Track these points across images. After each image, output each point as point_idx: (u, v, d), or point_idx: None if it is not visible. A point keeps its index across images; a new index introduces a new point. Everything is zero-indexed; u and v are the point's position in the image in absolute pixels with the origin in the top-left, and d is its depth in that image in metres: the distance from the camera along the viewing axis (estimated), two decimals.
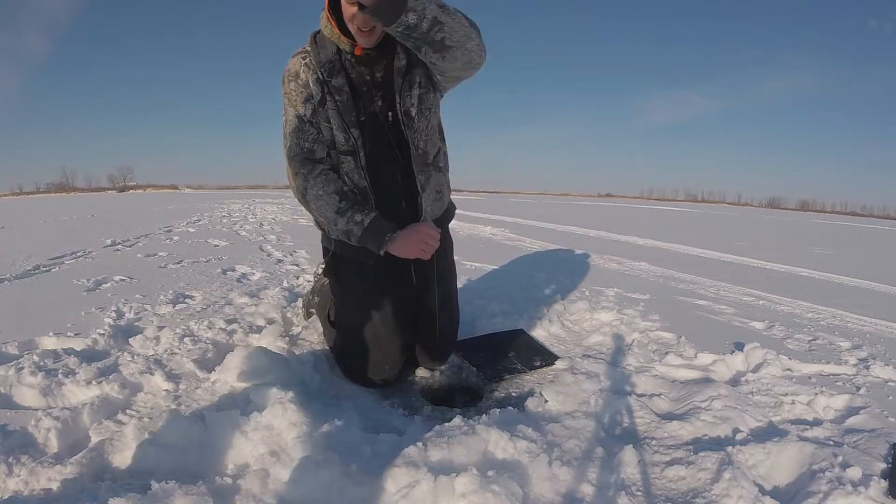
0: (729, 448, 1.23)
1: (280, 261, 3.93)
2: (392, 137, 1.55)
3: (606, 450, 1.25)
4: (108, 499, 0.95)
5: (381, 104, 1.54)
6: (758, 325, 2.43)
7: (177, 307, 2.40)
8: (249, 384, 1.45)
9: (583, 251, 4.94)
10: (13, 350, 1.77)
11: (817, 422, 1.43)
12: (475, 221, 8.10)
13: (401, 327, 1.68)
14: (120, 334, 1.94)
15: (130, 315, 2.26)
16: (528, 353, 1.96)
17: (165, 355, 1.75)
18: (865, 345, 2.15)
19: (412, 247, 1.47)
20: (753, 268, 4.52)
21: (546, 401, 1.53)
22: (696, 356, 1.91)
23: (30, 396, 1.44)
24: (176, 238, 5.34)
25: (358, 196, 1.56)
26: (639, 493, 1.14)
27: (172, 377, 1.59)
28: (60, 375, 1.52)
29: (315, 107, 1.51)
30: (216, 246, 4.73)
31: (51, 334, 1.92)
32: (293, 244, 4.95)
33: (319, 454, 1.13)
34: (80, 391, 1.47)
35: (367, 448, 1.24)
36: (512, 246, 5.31)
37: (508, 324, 2.25)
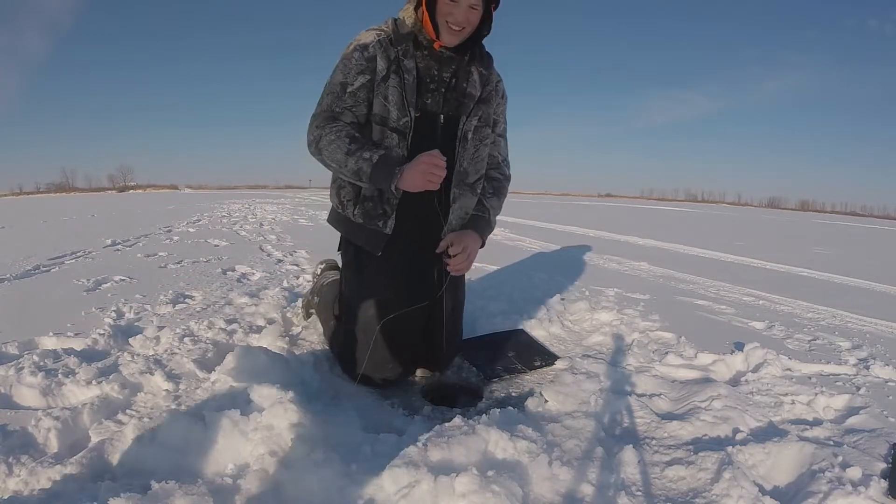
0: (729, 448, 1.23)
1: (280, 261, 3.94)
2: (441, 140, 1.59)
3: (606, 450, 1.25)
4: (108, 499, 0.95)
5: (442, 105, 1.60)
6: (758, 325, 2.43)
7: (177, 307, 2.41)
8: (249, 384, 1.44)
9: (583, 251, 4.94)
10: (13, 350, 1.77)
11: (817, 422, 1.43)
12: None
13: (413, 328, 1.67)
14: (120, 334, 1.94)
15: (130, 315, 2.26)
16: (528, 353, 1.96)
17: (165, 355, 1.75)
18: (865, 345, 2.15)
19: (418, 178, 1.42)
20: (753, 268, 4.52)
21: (546, 401, 1.53)
22: (696, 356, 1.91)
23: (30, 396, 1.44)
24: (176, 238, 5.34)
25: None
26: (639, 493, 1.14)
27: (172, 377, 1.59)
28: (60, 375, 1.52)
29: (370, 81, 1.54)
30: (216, 246, 4.72)
31: (51, 334, 1.92)
32: (293, 244, 4.95)
33: (319, 454, 1.13)
34: (80, 391, 1.47)
35: (367, 448, 1.24)
36: (512, 246, 5.32)
37: (508, 324, 2.25)
